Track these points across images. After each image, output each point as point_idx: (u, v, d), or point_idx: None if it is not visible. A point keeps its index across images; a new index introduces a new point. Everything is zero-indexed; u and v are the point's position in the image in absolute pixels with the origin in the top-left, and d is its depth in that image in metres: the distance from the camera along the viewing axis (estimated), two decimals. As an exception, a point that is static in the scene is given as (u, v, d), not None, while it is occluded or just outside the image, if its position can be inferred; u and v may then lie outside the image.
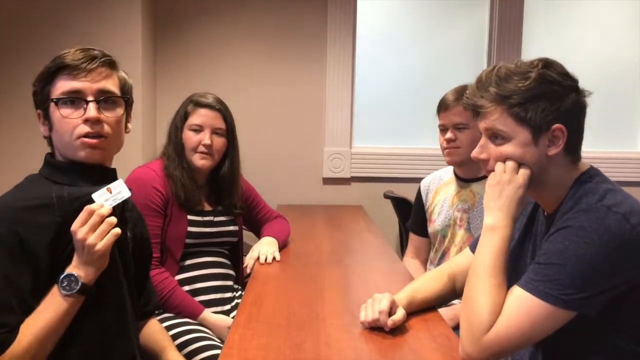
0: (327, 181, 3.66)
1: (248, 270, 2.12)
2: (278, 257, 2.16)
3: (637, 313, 1.30)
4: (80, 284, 1.30)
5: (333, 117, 3.62)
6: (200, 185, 2.28)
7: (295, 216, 3.06)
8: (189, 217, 2.20)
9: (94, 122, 1.38)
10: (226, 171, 2.30)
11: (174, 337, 1.89)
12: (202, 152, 2.21)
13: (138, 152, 2.99)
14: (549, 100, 1.31)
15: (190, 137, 2.22)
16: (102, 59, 1.40)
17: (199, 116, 2.23)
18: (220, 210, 2.32)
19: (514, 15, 3.63)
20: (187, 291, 2.12)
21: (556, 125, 1.32)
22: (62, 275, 1.30)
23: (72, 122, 1.37)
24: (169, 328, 1.92)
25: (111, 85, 1.42)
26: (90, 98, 1.38)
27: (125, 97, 1.45)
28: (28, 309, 1.28)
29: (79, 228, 1.29)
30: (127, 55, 1.45)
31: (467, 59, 3.72)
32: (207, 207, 2.29)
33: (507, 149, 1.35)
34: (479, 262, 1.35)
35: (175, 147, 2.24)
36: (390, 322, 1.43)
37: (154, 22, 3.42)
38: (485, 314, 1.27)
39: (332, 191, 3.66)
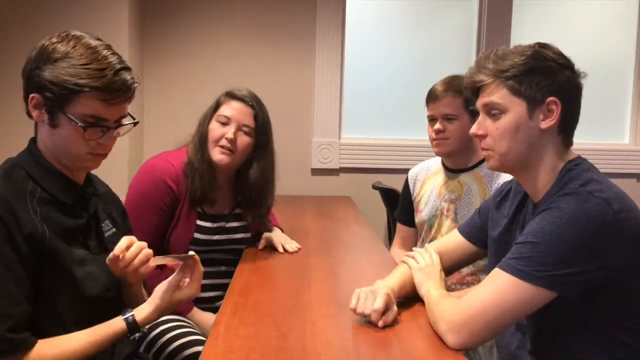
0: (316, 172, 3.66)
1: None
2: (300, 246, 2.18)
3: (620, 300, 1.31)
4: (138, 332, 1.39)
5: (322, 107, 3.61)
6: (220, 185, 2.13)
7: (283, 207, 3.05)
8: (198, 222, 2.08)
9: (107, 144, 1.38)
10: (257, 176, 2.12)
11: (163, 332, 1.85)
12: (222, 147, 2.04)
13: (124, 141, 2.97)
14: (544, 74, 1.36)
15: (214, 129, 2.06)
16: (136, 86, 1.37)
17: (229, 108, 2.07)
18: (235, 215, 2.19)
19: (503, 6, 3.63)
20: None
21: (550, 98, 1.35)
22: (139, 334, 1.39)
23: (87, 141, 1.34)
24: (157, 324, 1.87)
25: (127, 107, 1.40)
26: (112, 125, 1.36)
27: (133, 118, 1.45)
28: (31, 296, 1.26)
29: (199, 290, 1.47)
30: (113, 45, 1.40)
31: (456, 50, 3.73)
32: (222, 210, 2.16)
33: (503, 122, 1.38)
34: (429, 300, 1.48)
35: (200, 137, 2.09)
36: (381, 323, 1.41)
37: (141, 14, 3.39)
38: (447, 307, 1.36)
39: (320, 182, 3.66)
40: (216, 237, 2.13)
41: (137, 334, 1.38)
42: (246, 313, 1.51)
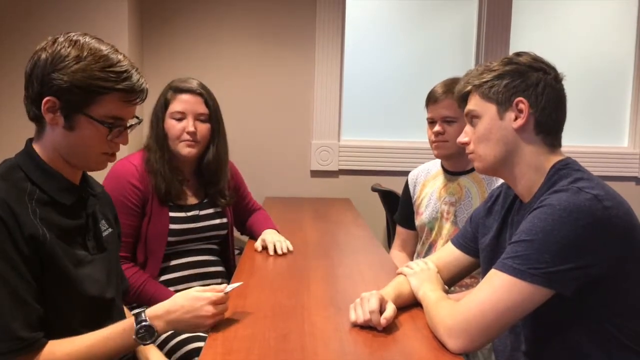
0: (315, 174, 3.66)
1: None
2: (291, 248, 2.18)
3: (615, 298, 1.31)
4: (154, 335, 1.36)
5: (321, 109, 3.61)
6: (187, 178, 2.19)
7: (282, 209, 3.06)
8: (171, 214, 2.11)
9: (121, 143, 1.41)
10: (210, 158, 2.19)
11: None
12: (187, 140, 2.10)
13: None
14: (512, 77, 1.42)
15: (173, 126, 2.11)
16: (147, 87, 1.41)
17: (180, 102, 2.12)
18: (207, 202, 2.23)
19: (503, 8, 3.63)
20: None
21: (517, 98, 1.40)
22: (144, 324, 1.35)
23: (107, 141, 1.37)
24: None
25: None
26: (126, 124, 1.39)
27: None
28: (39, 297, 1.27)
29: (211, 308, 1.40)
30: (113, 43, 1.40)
31: (455, 52, 3.73)
32: (194, 201, 2.20)
33: (479, 127, 1.46)
34: (426, 303, 1.48)
35: (157, 137, 2.13)
36: (383, 320, 1.40)
37: (141, 14, 3.39)
38: (446, 311, 1.36)
39: (319, 184, 3.65)
40: (192, 225, 2.15)
41: (145, 327, 1.35)
42: (244, 314, 1.51)
